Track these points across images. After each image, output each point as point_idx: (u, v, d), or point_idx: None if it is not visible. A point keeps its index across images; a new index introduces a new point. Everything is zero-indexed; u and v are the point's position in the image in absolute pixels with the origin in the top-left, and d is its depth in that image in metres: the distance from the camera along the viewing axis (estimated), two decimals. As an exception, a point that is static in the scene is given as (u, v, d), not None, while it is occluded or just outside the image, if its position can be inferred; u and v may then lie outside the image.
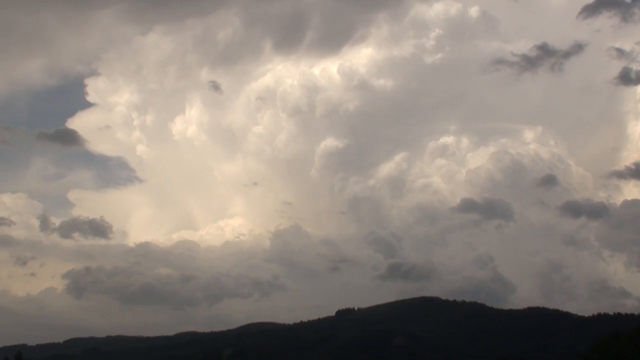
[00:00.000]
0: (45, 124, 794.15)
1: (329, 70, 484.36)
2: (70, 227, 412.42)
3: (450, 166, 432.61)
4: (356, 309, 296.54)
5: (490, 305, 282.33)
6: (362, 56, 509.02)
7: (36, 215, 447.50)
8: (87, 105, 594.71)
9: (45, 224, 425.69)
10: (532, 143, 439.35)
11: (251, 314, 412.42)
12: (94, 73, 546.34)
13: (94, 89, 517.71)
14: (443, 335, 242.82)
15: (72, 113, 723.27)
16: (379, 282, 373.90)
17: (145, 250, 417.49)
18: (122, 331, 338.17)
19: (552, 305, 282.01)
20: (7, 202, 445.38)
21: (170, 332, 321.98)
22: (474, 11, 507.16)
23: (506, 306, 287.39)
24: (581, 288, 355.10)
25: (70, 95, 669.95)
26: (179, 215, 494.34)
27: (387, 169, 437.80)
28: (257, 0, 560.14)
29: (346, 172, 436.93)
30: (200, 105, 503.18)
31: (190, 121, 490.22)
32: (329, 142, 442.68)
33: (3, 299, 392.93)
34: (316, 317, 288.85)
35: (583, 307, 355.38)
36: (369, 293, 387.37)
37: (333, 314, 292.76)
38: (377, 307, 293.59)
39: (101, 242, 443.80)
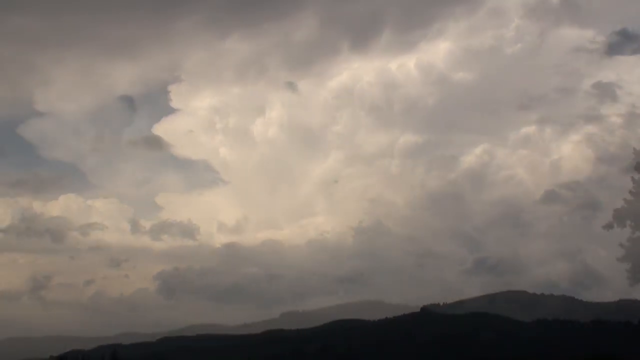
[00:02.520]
0: (133, 131, 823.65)
1: (406, 66, 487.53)
2: (160, 230, 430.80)
3: (533, 157, 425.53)
4: (442, 304, 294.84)
5: (579, 298, 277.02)
6: (439, 50, 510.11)
7: (127, 219, 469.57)
8: (171, 111, 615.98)
9: (135, 227, 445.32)
10: (618, 129, 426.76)
11: (336, 310, 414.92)
12: (176, 80, 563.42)
13: (177, 94, 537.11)
14: (531, 329, 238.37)
15: (157, 119, 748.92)
16: (464, 276, 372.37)
17: (231, 250, 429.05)
18: (211, 329, 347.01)
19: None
20: (99, 207, 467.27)
21: (258, 329, 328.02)
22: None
23: (596, 299, 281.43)
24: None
25: (155, 102, 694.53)
26: (262, 215, 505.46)
27: (468, 162, 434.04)
28: (332, 1, 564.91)
29: (426, 166, 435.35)
30: (279, 106, 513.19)
31: (270, 122, 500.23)
32: (408, 137, 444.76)
33: (99, 299, 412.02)
34: (401, 313, 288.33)
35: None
36: (455, 288, 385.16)
37: (418, 309, 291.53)
38: (463, 301, 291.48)
39: (189, 243, 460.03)
